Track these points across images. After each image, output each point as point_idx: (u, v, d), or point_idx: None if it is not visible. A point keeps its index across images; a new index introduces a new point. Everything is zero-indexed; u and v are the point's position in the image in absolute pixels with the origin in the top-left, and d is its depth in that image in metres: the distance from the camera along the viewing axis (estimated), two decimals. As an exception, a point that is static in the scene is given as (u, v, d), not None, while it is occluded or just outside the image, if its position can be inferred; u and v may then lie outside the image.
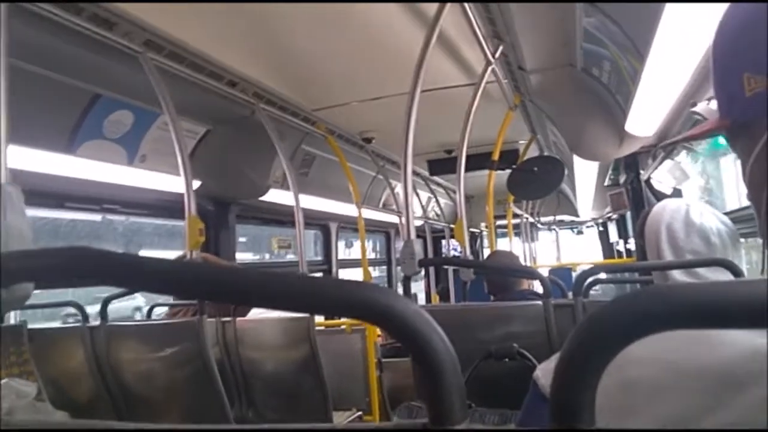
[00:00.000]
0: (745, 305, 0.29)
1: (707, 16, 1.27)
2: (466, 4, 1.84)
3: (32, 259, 0.36)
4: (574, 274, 5.36)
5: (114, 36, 1.81)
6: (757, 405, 0.38)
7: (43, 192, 2.22)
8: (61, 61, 1.86)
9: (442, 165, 4.31)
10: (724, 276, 1.33)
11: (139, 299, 4.34)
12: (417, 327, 0.34)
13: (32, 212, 2.39)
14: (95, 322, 2.00)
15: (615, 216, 6.54)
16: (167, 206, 2.72)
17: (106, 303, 1.98)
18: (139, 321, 2.36)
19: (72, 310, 2.04)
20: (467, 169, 2.62)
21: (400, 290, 2.57)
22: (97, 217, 2.77)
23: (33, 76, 1.81)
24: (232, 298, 0.35)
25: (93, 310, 2.05)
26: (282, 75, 2.53)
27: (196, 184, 2.54)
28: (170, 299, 2.24)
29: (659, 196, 3.01)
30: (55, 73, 1.88)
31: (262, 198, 3.13)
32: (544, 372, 0.56)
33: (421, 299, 6.64)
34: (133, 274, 0.35)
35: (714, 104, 1.48)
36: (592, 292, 2.14)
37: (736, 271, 1.31)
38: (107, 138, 2.20)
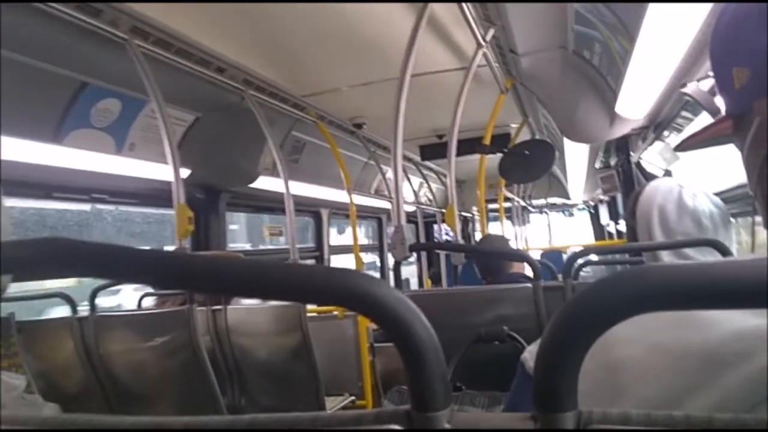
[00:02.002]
0: (729, 285, 0.29)
1: (696, -3, 1.27)
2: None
3: (5, 251, 0.35)
4: (565, 256, 5.39)
5: (100, 23, 1.78)
6: (741, 385, 0.38)
7: (31, 182, 2.20)
8: (46, 49, 1.83)
9: (433, 150, 4.30)
10: (713, 256, 1.34)
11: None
12: (399, 314, 0.33)
13: (20, 203, 2.38)
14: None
15: (606, 198, 6.56)
16: (157, 195, 2.70)
17: (94, 293, 1.97)
18: (128, 311, 2.35)
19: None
20: (459, 154, 2.62)
21: (392, 275, 2.57)
22: (85, 206, 2.75)
23: (18, 66, 1.78)
24: (209, 288, 0.34)
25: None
26: (271, 61, 2.51)
27: (185, 172, 2.53)
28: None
29: (650, 178, 3.02)
30: (40, 61, 1.85)
31: (252, 185, 3.12)
32: (532, 354, 0.56)
33: (414, 283, 6.66)
34: (106, 264, 0.34)
35: (704, 84, 1.47)
36: (582, 273, 2.15)
37: (725, 252, 1.32)
38: (95, 127, 2.18)
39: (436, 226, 7.00)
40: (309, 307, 2.21)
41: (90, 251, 0.35)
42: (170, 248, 3.22)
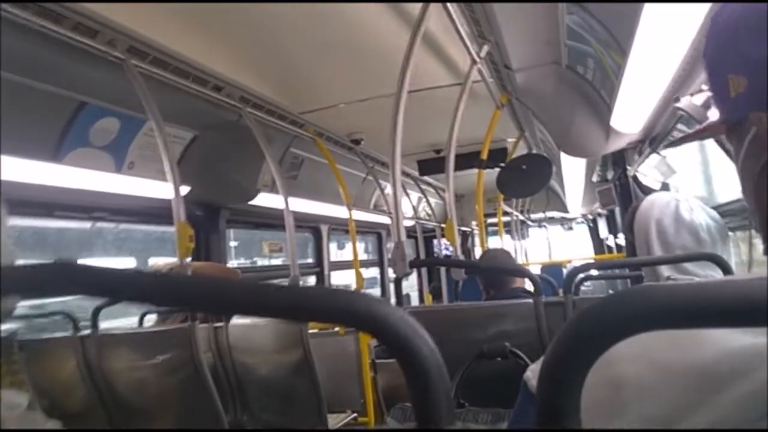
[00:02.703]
0: (730, 304, 0.29)
1: (688, 11, 1.29)
2: (449, 5, 1.84)
3: (12, 275, 0.36)
4: (565, 271, 5.39)
5: (97, 44, 1.80)
6: (740, 402, 0.38)
7: (32, 201, 2.21)
8: (45, 70, 1.85)
9: (431, 165, 4.31)
10: (712, 270, 1.34)
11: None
12: (402, 332, 0.34)
13: (21, 222, 2.38)
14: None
15: (604, 212, 6.57)
16: (157, 213, 2.71)
17: (96, 312, 1.97)
18: (130, 329, 2.34)
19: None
20: (456, 169, 2.62)
21: (393, 290, 2.57)
22: (86, 225, 2.76)
23: (17, 86, 1.80)
24: (214, 310, 0.35)
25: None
26: (268, 78, 2.53)
27: (184, 189, 2.53)
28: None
29: (646, 191, 3.03)
30: (39, 82, 1.87)
31: (252, 202, 3.13)
32: (535, 373, 0.56)
33: (414, 298, 6.64)
34: (114, 286, 0.35)
35: (697, 99, 1.49)
36: (582, 288, 2.15)
37: (724, 266, 1.32)
38: (94, 146, 2.19)
39: (435, 241, 7.00)
40: (309, 323, 2.21)
41: (94, 275, 0.36)
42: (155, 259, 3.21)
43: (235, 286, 0.35)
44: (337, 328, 2.48)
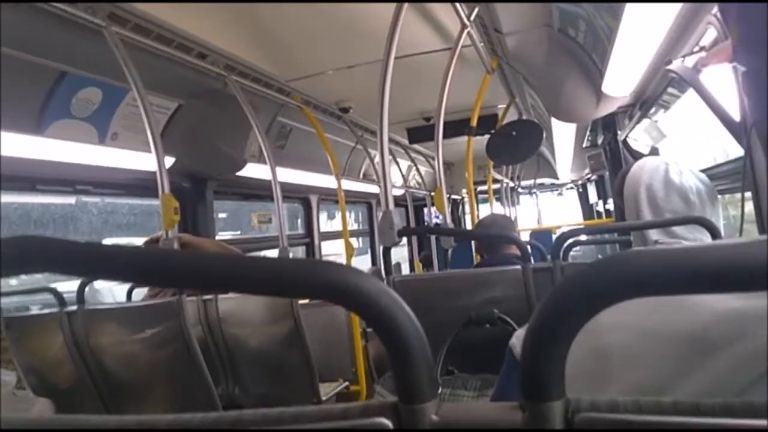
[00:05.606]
0: (716, 269, 0.28)
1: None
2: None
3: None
4: (554, 237, 5.41)
5: (76, 11, 1.75)
6: (729, 368, 0.38)
7: (13, 176, 2.16)
8: (23, 39, 1.79)
9: (421, 132, 4.28)
10: (701, 234, 1.34)
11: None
12: (383, 307, 0.33)
13: (2, 197, 2.34)
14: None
15: (594, 177, 6.58)
16: (142, 185, 2.67)
17: (82, 287, 1.95)
18: (117, 304, 2.33)
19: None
20: (446, 136, 2.60)
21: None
22: (70, 199, 2.72)
23: (-6, 56, 1.74)
24: (188, 285, 0.33)
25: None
26: (253, 45, 2.47)
27: (170, 161, 2.49)
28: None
29: (636, 156, 3.02)
30: (17, 51, 1.81)
31: (240, 173, 3.09)
32: (520, 339, 0.56)
33: (405, 267, 6.67)
34: (77, 261, 0.33)
35: (689, 61, 1.46)
36: (572, 253, 2.15)
37: (713, 229, 1.32)
38: (76, 117, 2.14)
39: (426, 210, 7.00)
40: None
41: (62, 249, 0.34)
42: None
43: (212, 261, 0.34)
44: (327, 298, 2.48)
